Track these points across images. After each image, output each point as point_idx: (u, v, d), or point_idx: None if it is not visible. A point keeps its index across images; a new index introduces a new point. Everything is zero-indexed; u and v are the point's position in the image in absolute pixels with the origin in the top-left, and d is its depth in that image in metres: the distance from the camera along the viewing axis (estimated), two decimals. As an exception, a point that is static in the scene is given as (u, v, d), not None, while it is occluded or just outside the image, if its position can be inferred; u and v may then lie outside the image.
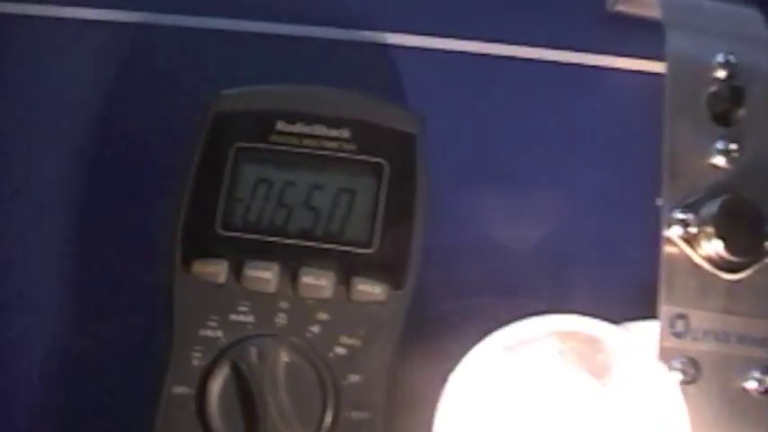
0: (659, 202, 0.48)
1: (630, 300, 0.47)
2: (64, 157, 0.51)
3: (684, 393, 0.40)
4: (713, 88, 0.43)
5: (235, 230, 0.44)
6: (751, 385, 0.41)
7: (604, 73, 0.52)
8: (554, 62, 0.52)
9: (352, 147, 0.45)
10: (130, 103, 0.52)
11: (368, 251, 0.43)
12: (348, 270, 0.43)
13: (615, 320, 0.44)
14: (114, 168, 0.51)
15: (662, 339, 0.41)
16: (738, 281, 0.42)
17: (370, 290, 0.43)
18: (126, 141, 0.51)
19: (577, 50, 0.52)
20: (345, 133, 0.45)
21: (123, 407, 0.45)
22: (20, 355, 0.48)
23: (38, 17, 0.53)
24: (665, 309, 0.41)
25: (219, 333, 0.43)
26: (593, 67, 0.52)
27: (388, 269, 0.43)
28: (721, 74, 0.43)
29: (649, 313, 0.44)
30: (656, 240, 0.47)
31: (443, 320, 0.47)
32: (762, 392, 0.41)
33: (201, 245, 0.44)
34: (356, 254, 0.43)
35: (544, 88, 0.52)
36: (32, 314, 0.48)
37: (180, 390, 0.42)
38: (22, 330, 0.48)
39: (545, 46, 0.52)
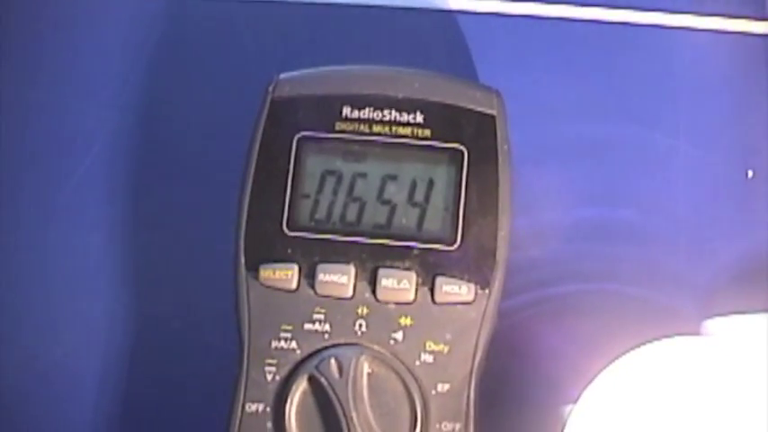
0: (750, 173, 0.44)
1: (729, 282, 0.44)
2: (116, 145, 0.48)
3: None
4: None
5: (303, 230, 0.40)
6: None
7: (689, 34, 0.48)
8: (632, 24, 0.48)
9: (428, 132, 0.41)
10: (183, 83, 0.49)
11: (451, 248, 0.40)
12: (431, 269, 0.40)
13: (709, 308, 0.42)
14: (171, 159, 0.48)
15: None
16: None
17: (455, 290, 0.39)
18: (180, 126, 0.48)
19: (660, 10, 0.48)
20: (419, 117, 0.41)
21: (200, 423, 0.43)
22: (83, 366, 0.46)
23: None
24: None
25: (294, 344, 0.39)
26: (678, 28, 0.47)
27: (474, 267, 0.40)
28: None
29: (751, 297, 0.42)
30: (753, 216, 0.44)
31: (531, 312, 0.44)
32: None
33: (268, 248, 0.40)
34: (438, 251, 0.40)
35: (622, 54, 0.48)
36: (88, 326, 0.46)
37: (254, 407, 0.39)
38: (82, 336, 0.46)
39: (623, 7, 0.48)
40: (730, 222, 0.45)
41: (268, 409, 0.39)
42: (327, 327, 0.39)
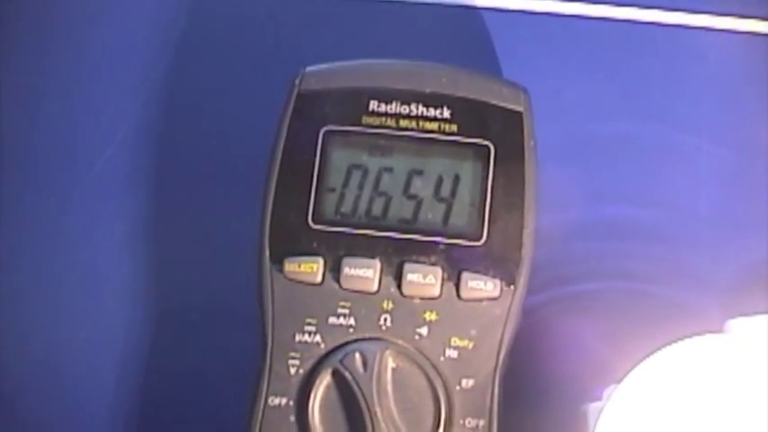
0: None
1: (753, 282, 0.44)
2: (138, 137, 0.48)
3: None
4: None
5: (328, 224, 0.40)
6: None
7: (713, 35, 0.47)
8: (656, 24, 0.48)
9: (455, 127, 0.41)
10: (206, 76, 0.49)
11: (477, 243, 0.40)
12: (456, 265, 0.39)
13: (731, 307, 0.41)
14: (194, 152, 0.48)
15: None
16: None
17: (481, 286, 0.39)
18: (203, 119, 0.48)
19: (684, 10, 0.47)
20: (446, 113, 0.41)
21: (220, 417, 0.43)
22: (102, 357, 0.45)
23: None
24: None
25: (318, 338, 0.39)
26: (701, 28, 0.47)
27: (500, 263, 0.40)
28: None
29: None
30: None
31: (550, 309, 0.44)
32: None
33: (293, 241, 0.40)
34: (464, 247, 0.40)
35: (646, 52, 0.48)
36: (107, 317, 0.46)
37: (277, 401, 0.39)
38: (100, 330, 0.46)
39: (647, 6, 0.48)
40: (753, 222, 0.45)
41: (291, 402, 0.39)
42: (352, 321, 0.39)
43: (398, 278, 0.39)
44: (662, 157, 0.46)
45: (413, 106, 0.41)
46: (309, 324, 0.39)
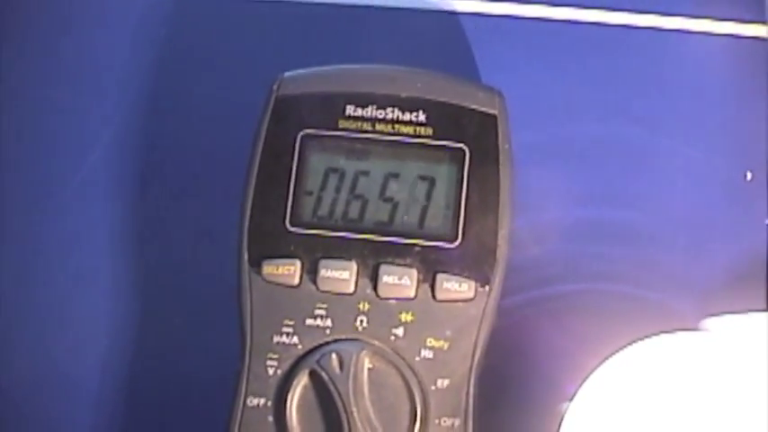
0: (749, 176, 0.45)
1: (728, 283, 0.44)
2: (121, 141, 0.48)
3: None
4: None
5: (306, 227, 0.41)
6: None
7: (691, 38, 0.48)
8: (632, 26, 0.48)
9: (430, 131, 0.41)
10: (187, 81, 0.49)
11: (452, 245, 0.40)
12: (432, 266, 0.40)
13: (706, 308, 0.42)
14: (176, 156, 0.48)
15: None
16: None
17: (456, 287, 0.40)
18: (185, 124, 0.49)
19: (659, 13, 0.48)
20: (422, 116, 0.41)
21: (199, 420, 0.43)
22: (85, 360, 0.46)
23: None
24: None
25: (295, 339, 0.40)
26: (676, 30, 0.48)
27: (475, 264, 0.40)
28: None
29: (749, 298, 0.42)
30: (752, 218, 0.45)
31: (527, 310, 0.45)
32: None
33: (271, 244, 0.40)
34: (439, 248, 0.40)
35: (624, 55, 0.48)
36: (91, 321, 0.46)
37: (256, 401, 0.40)
38: (86, 333, 0.46)
39: (623, 9, 0.48)
40: (729, 224, 0.45)
41: (269, 403, 0.39)
42: (329, 322, 0.40)
43: (374, 280, 0.40)
44: (639, 159, 0.47)
45: (388, 110, 0.41)
46: (287, 325, 0.40)
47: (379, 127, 0.41)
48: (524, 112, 0.43)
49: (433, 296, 0.40)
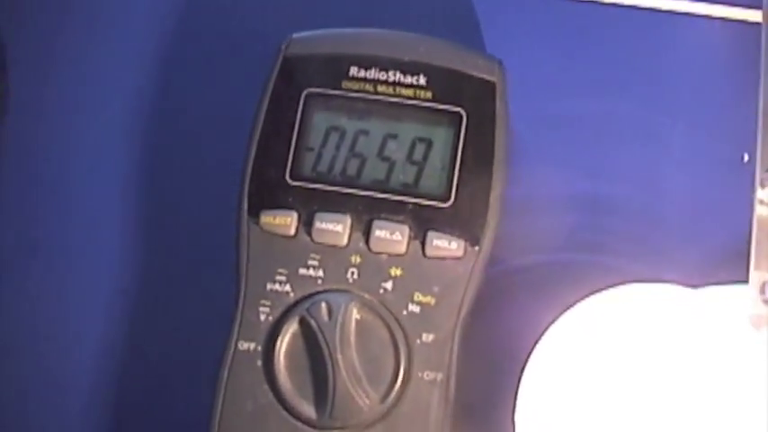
0: (746, 157, 0.45)
1: (719, 262, 0.45)
2: (126, 103, 0.50)
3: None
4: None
5: (305, 180, 0.42)
6: None
7: (691, 20, 0.49)
8: (635, 7, 0.49)
9: (429, 94, 0.42)
10: (196, 49, 0.51)
11: (444, 205, 0.41)
12: (423, 224, 0.41)
13: (701, 284, 0.42)
14: (182, 117, 0.50)
15: (752, 306, 0.39)
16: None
17: (446, 245, 0.41)
18: (193, 89, 0.50)
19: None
20: (422, 80, 0.42)
21: (193, 362, 0.44)
22: (85, 307, 0.47)
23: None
24: (755, 274, 0.39)
25: (288, 288, 0.41)
26: (679, 13, 0.49)
27: (466, 224, 0.41)
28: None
29: (740, 278, 0.42)
30: (747, 199, 0.45)
31: (521, 277, 0.45)
32: None
33: (270, 195, 0.42)
34: (432, 207, 0.41)
35: (625, 35, 0.49)
36: (97, 264, 0.48)
37: (246, 345, 0.41)
38: (88, 280, 0.48)
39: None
40: (724, 204, 0.46)
41: (259, 348, 0.41)
42: (321, 273, 0.41)
43: (367, 234, 0.41)
44: (637, 136, 0.47)
45: (390, 73, 0.43)
46: (281, 274, 0.41)
47: (380, 89, 0.43)
48: (526, 85, 0.44)
49: (423, 253, 0.41)
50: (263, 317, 0.41)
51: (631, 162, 0.47)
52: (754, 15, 0.47)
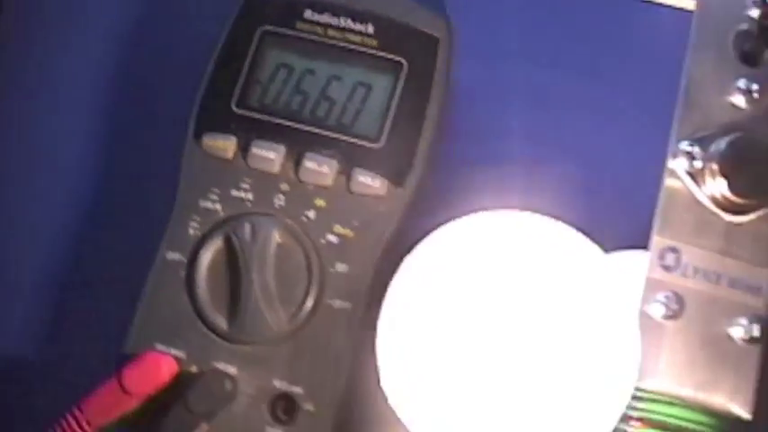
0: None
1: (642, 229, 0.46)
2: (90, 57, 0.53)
3: (663, 328, 0.40)
4: (744, 26, 0.42)
5: (248, 110, 0.44)
6: (736, 332, 0.40)
7: (639, 5, 0.51)
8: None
9: (375, 42, 0.45)
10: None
11: (374, 145, 0.44)
12: (351, 161, 0.43)
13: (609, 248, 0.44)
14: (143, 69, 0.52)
15: (649, 270, 0.40)
16: (739, 224, 0.41)
17: (369, 183, 0.43)
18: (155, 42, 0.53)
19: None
20: (370, 28, 0.45)
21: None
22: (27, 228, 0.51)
23: None
24: (656, 240, 0.41)
25: (219, 206, 0.44)
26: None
27: (392, 165, 0.43)
28: (755, 12, 0.42)
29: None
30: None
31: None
32: (745, 341, 0.40)
33: (214, 119, 0.44)
34: (362, 146, 0.44)
35: (577, 14, 0.51)
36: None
37: (173, 256, 0.43)
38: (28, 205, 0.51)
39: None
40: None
41: (185, 259, 0.43)
42: (251, 196, 0.43)
43: (298, 164, 0.43)
44: (585, 111, 0.49)
45: (342, 19, 0.45)
46: (214, 193, 0.44)
47: (330, 33, 0.45)
48: (481, 49, 0.46)
49: (348, 188, 0.43)
50: (191, 231, 0.43)
51: (578, 135, 0.49)
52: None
